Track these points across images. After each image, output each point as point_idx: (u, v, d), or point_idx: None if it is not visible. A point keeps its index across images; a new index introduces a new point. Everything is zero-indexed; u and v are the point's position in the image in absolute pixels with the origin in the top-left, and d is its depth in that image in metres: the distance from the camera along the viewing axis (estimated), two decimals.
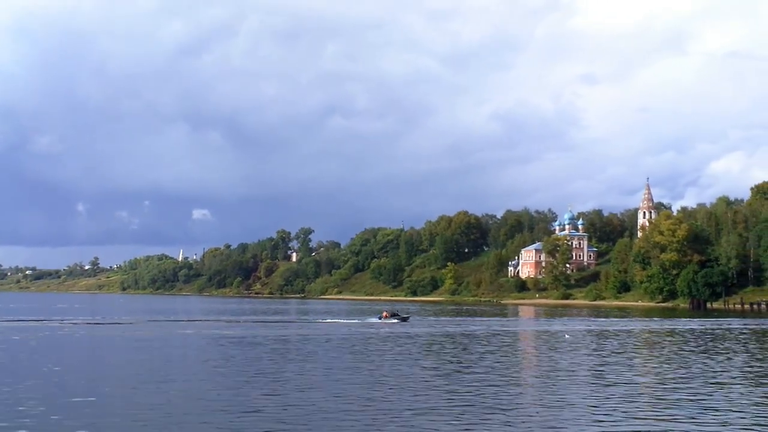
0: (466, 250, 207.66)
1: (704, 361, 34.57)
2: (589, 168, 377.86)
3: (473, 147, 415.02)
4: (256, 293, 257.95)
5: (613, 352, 39.08)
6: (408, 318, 70.73)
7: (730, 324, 70.22)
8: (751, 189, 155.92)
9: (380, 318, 68.67)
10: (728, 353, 38.64)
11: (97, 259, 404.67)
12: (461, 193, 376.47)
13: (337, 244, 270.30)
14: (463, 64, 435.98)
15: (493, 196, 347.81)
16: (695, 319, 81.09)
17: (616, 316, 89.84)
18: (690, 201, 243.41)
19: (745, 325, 68.91)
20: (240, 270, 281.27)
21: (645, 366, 33.16)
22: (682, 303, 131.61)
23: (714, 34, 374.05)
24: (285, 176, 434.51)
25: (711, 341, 47.50)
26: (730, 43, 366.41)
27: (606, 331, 58.76)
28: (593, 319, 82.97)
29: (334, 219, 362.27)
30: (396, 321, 67.21)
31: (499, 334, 53.26)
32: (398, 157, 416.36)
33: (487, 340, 47.29)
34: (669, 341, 48.61)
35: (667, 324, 70.75)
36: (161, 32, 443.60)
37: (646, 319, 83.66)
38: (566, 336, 50.52)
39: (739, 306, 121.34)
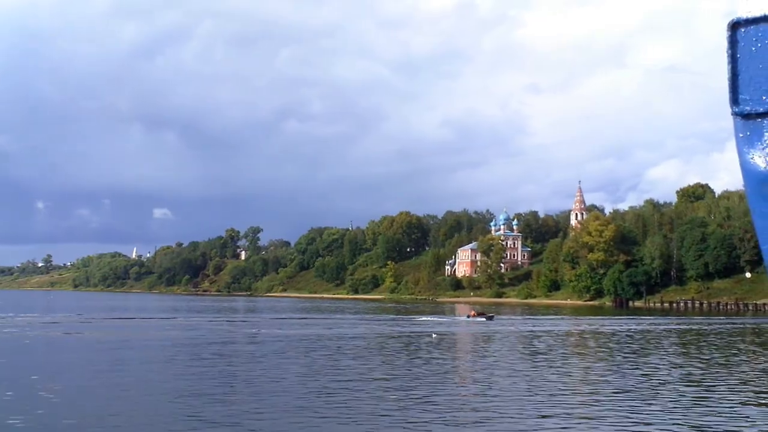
0: (408, 250, 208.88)
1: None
2: (534, 173, 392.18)
3: (424, 152, 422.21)
4: (204, 291, 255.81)
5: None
6: (493, 317, 74.94)
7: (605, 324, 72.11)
8: (677, 192, 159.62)
9: (469, 317, 74.54)
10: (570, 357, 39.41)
11: (50, 256, 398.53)
12: (412, 196, 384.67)
13: (287, 243, 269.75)
14: (414, 72, 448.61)
15: (443, 199, 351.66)
16: (607, 318, 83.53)
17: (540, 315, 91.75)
18: (629, 205, 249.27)
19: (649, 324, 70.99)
20: (189, 268, 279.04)
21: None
22: (608, 301, 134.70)
23: (653, 48, 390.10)
24: (243, 177, 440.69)
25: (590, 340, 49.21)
26: (668, 57, 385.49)
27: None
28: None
29: (290, 219, 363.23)
30: (484, 319, 71.89)
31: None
32: (352, 160, 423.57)
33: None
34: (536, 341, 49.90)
35: (550, 324, 72.88)
36: (117, 34, 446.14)
37: (551, 317, 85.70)
38: (433, 336, 51.42)
39: (659, 304, 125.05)
